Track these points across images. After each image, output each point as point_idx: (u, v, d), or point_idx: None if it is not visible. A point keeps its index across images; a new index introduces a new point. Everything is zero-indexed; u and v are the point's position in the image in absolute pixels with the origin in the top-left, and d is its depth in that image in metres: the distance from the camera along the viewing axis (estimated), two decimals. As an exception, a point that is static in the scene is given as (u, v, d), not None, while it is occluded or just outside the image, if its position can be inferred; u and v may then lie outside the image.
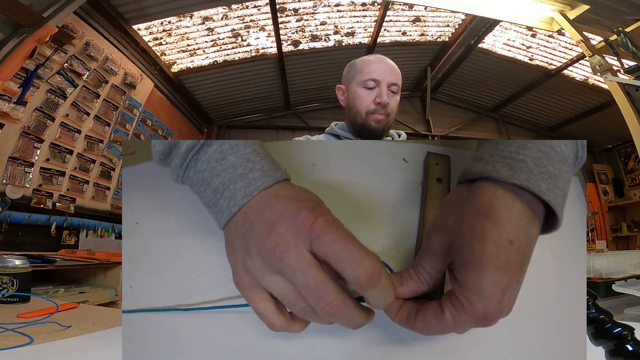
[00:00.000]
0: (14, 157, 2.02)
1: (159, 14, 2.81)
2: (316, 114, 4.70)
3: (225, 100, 4.16)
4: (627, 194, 4.82)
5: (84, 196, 2.52)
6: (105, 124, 2.68)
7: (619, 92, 2.26)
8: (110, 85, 2.69)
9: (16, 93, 1.95)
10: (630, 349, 0.30)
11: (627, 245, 4.59)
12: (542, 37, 3.60)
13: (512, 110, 4.93)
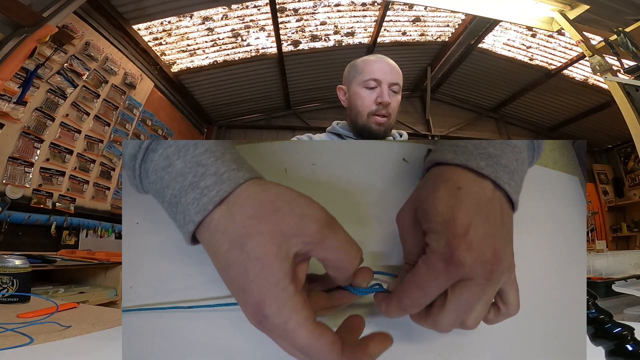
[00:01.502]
0: (14, 157, 2.02)
1: (159, 14, 2.81)
2: (316, 114, 4.70)
3: (225, 100, 4.16)
4: (627, 194, 4.82)
5: (84, 196, 2.52)
6: (105, 124, 2.68)
7: (619, 92, 2.26)
8: (110, 85, 2.69)
9: (16, 93, 1.95)
10: (630, 349, 0.30)
11: (627, 245, 4.59)
12: (542, 37, 3.60)
13: (512, 110, 4.93)
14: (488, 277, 0.40)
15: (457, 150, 0.48)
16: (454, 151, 0.48)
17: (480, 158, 0.46)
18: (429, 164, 0.51)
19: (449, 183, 0.44)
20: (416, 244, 0.45)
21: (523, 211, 0.63)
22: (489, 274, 0.40)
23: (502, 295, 0.45)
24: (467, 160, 0.46)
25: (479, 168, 0.45)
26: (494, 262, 0.40)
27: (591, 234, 4.46)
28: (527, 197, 0.67)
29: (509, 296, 0.45)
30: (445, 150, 0.49)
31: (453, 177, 0.45)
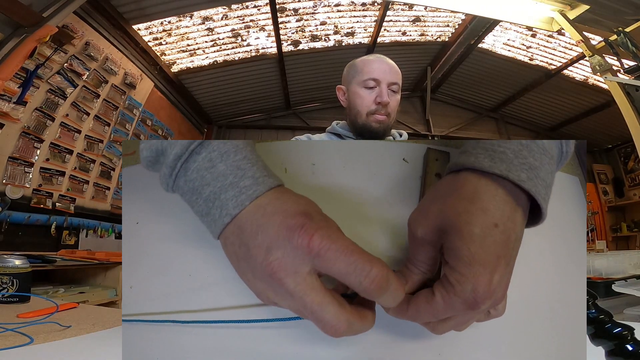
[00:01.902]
0: (14, 157, 2.02)
1: (159, 14, 2.81)
2: (316, 114, 4.70)
3: (225, 100, 4.16)
4: (627, 194, 4.82)
5: (84, 196, 2.52)
6: (105, 124, 2.68)
7: (619, 92, 2.26)
8: (110, 85, 2.69)
9: (16, 93, 1.95)
10: (630, 349, 0.30)
11: (627, 245, 4.59)
12: (542, 37, 3.60)
13: (512, 110, 4.93)
14: (490, 308, 0.43)
15: (495, 157, 0.43)
16: (491, 157, 0.44)
17: (521, 169, 0.42)
18: (458, 167, 0.46)
19: (487, 216, 0.40)
20: (430, 255, 0.44)
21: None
22: (492, 306, 0.42)
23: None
24: (509, 171, 0.42)
25: (520, 181, 0.42)
26: (502, 298, 0.42)
27: (591, 234, 4.46)
28: (527, 197, 0.67)
29: (499, 303, 0.45)
30: (479, 154, 0.45)
31: (489, 204, 0.41)
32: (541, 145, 0.45)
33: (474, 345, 0.50)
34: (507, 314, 0.52)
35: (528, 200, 0.44)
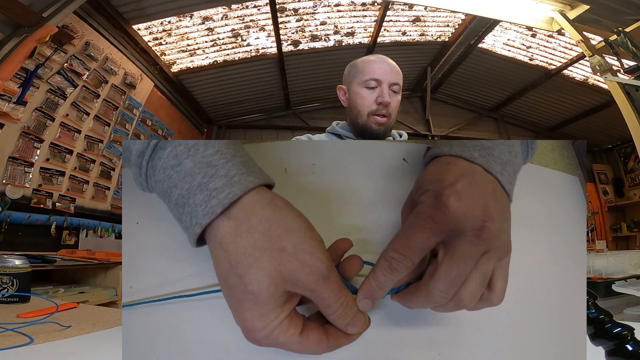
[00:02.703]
0: (14, 157, 2.02)
1: (159, 14, 2.81)
2: (316, 114, 4.70)
3: (225, 100, 4.16)
4: (627, 194, 4.82)
5: (84, 196, 2.52)
6: (105, 124, 2.68)
7: (619, 92, 2.26)
8: (110, 85, 2.69)
9: (16, 93, 1.95)
10: (630, 349, 0.30)
11: (627, 245, 4.59)
12: (542, 37, 3.60)
13: (512, 110, 4.93)
14: (478, 233, 0.39)
15: (452, 144, 0.51)
16: (449, 145, 0.51)
17: (473, 149, 0.49)
18: (428, 159, 0.54)
19: (440, 161, 0.49)
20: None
21: (523, 211, 0.63)
22: (479, 230, 0.39)
23: (490, 278, 0.43)
24: (462, 152, 0.48)
25: (472, 158, 0.47)
26: (485, 219, 0.39)
27: (591, 234, 4.46)
28: (527, 196, 0.67)
29: (496, 282, 0.42)
30: (441, 145, 0.53)
31: (445, 159, 0.49)
32: (498, 140, 0.53)
33: (474, 345, 0.50)
34: (507, 313, 0.52)
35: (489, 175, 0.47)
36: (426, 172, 0.49)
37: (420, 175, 0.51)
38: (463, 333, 0.50)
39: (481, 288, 0.42)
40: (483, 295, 0.42)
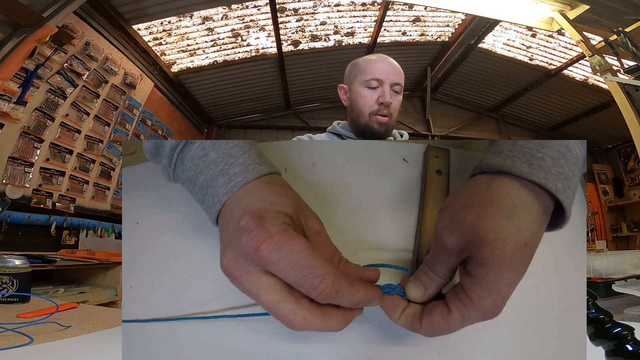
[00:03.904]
0: (14, 157, 2.01)
1: (159, 14, 2.81)
2: (316, 114, 4.70)
3: (225, 100, 4.16)
4: (627, 194, 4.82)
5: (84, 196, 2.52)
6: (105, 124, 2.68)
7: (619, 92, 2.26)
8: (110, 85, 2.69)
9: (16, 93, 1.95)
10: (630, 349, 0.30)
11: (627, 245, 4.59)
12: (542, 37, 3.60)
13: (512, 110, 4.92)
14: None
15: (533, 163, 0.42)
16: (529, 163, 0.42)
17: (558, 179, 0.42)
18: (493, 169, 0.44)
19: (520, 235, 0.40)
20: (454, 265, 0.43)
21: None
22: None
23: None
24: (546, 180, 0.41)
25: (556, 192, 0.41)
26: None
27: (591, 234, 4.46)
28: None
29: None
30: (517, 158, 0.43)
31: (524, 223, 0.40)
32: (574, 154, 0.45)
33: (474, 345, 0.50)
34: (507, 314, 0.52)
35: (552, 208, 0.43)
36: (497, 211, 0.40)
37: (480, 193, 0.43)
38: (463, 333, 0.50)
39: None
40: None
